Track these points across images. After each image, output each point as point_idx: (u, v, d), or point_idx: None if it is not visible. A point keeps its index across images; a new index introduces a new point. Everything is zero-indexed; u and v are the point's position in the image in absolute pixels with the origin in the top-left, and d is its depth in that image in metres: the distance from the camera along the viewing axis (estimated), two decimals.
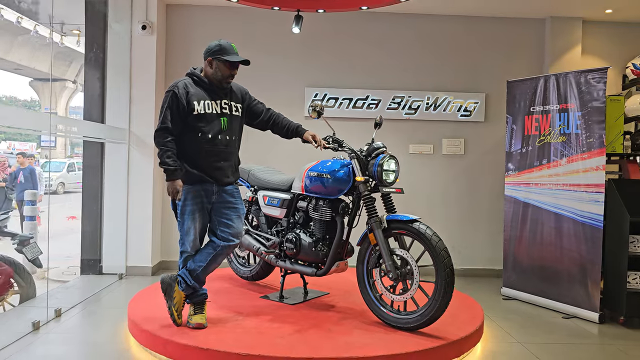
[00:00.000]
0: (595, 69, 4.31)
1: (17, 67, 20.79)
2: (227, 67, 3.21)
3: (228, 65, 3.20)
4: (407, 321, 3.27)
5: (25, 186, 8.61)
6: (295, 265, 3.80)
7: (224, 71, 3.22)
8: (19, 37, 17.13)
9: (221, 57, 3.18)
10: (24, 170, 8.96)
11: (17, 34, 16.63)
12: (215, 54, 3.20)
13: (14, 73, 23.21)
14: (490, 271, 5.68)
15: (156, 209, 5.49)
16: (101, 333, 3.72)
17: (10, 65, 20.03)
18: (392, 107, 5.73)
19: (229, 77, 3.25)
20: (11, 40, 17.52)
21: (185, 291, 3.31)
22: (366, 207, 3.43)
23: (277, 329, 3.28)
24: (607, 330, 4.08)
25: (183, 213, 3.27)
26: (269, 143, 5.10)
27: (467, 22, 5.80)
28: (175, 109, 3.16)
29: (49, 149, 23.79)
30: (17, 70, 22.24)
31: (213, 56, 3.20)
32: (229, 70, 3.22)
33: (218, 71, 3.22)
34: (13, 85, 46.55)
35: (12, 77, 24.85)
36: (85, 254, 5.42)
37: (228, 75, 3.24)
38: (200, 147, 3.21)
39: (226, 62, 3.19)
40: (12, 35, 16.99)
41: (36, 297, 4.62)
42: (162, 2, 5.54)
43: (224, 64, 3.20)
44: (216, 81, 3.25)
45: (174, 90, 3.16)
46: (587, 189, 4.30)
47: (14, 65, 20.22)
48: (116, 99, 5.36)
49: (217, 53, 3.19)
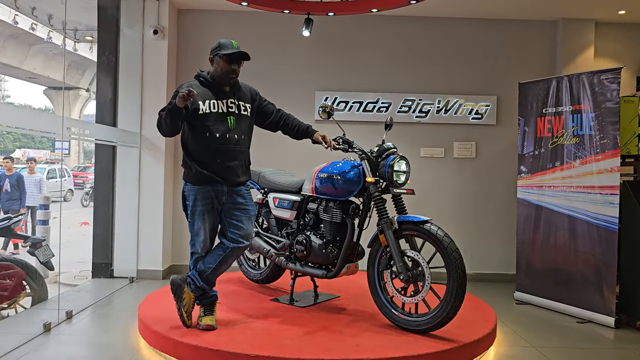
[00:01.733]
0: (609, 69, 4.26)
1: (31, 76, 21.10)
2: (226, 61, 3.21)
3: (226, 59, 3.20)
4: (418, 323, 3.23)
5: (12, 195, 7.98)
6: (306, 267, 3.77)
7: (224, 66, 3.22)
8: (33, 46, 17.38)
9: (220, 53, 3.21)
10: (10, 178, 8.15)
11: (32, 43, 16.88)
12: (214, 52, 3.24)
13: (28, 81, 23.55)
14: (503, 276, 5.61)
15: (167, 213, 5.50)
16: (111, 334, 3.73)
17: (24, 74, 20.34)
18: (403, 110, 5.71)
19: (230, 73, 3.25)
20: (26, 50, 17.78)
21: (194, 292, 3.30)
22: (377, 208, 3.40)
23: (286, 331, 3.26)
24: (623, 335, 3.99)
25: (193, 214, 3.27)
26: (278, 145, 5.10)
27: (478, 24, 5.77)
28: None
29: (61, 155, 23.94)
30: (31, 79, 22.56)
31: (213, 54, 3.25)
32: (228, 65, 3.22)
33: (218, 68, 3.24)
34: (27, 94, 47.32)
35: (27, 86, 25.23)
36: (96, 257, 5.45)
37: (228, 70, 3.23)
38: (209, 146, 3.21)
39: (224, 57, 3.20)
40: (27, 45, 17.25)
41: (48, 300, 4.64)
42: (174, 7, 5.59)
43: (222, 59, 3.21)
44: (220, 79, 3.27)
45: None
46: (602, 191, 4.24)
47: (28, 74, 20.53)
48: (128, 103, 5.40)
49: (216, 50, 3.23)
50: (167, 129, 3.19)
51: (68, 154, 28.63)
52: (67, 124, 4.02)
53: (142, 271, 5.38)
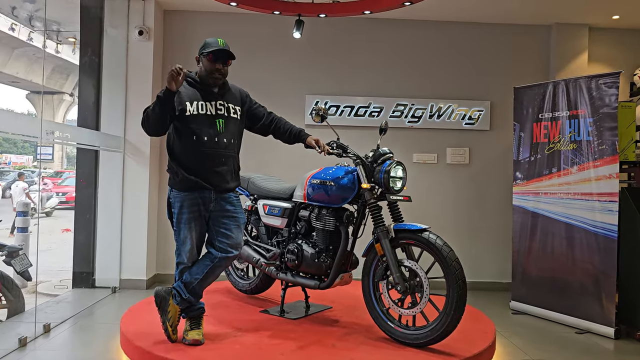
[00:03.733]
0: (607, 74, 4.18)
1: (14, 80, 20.73)
2: (210, 60, 3.05)
3: (210, 58, 3.04)
4: (416, 337, 3.08)
5: None
6: (297, 277, 3.62)
7: (208, 66, 3.06)
8: (15, 49, 17.07)
9: (204, 52, 3.06)
10: None
11: (14, 47, 16.57)
12: (200, 51, 3.10)
13: (11, 86, 23.15)
14: (498, 284, 5.49)
15: (152, 220, 5.31)
16: (91, 349, 3.53)
17: (7, 78, 19.98)
18: (395, 115, 5.59)
19: (214, 72, 3.08)
20: (8, 53, 17.45)
21: (180, 305, 3.12)
22: (372, 215, 3.26)
23: (277, 345, 3.09)
24: (623, 346, 3.89)
25: (179, 222, 3.08)
26: (269, 150, 4.95)
27: (471, 28, 5.68)
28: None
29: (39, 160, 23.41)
30: (14, 83, 22.18)
31: (199, 54, 3.10)
32: (212, 64, 3.06)
33: (203, 67, 3.09)
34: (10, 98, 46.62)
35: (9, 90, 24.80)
36: (77, 266, 5.23)
37: (213, 69, 3.07)
38: (196, 150, 3.03)
39: (208, 55, 3.05)
40: (10, 48, 16.93)
41: (25, 312, 4.42)
42: (160, 8, 5.42)
43: (206, 58, 3.06)
44: (207, 79, 3.10)
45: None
46: (600, 198, 4.14)
47: (10, 78, 20.17)
48: (111, 107, 5.21)
49: (202, 49, 3.08)
50: (153, 124, 2.98)
51: (52, 159, 28.20)
52: (46, 127, 3.82)
53: (125, 281, 5.17)
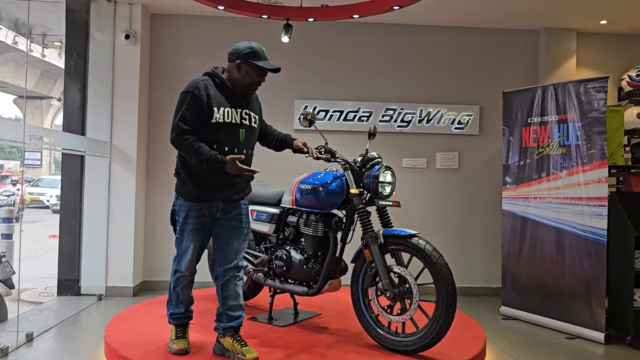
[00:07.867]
0: (596, 78, 4.18)
1: (1, 85, 20.50)
2: (258, 73, 2.89)
3: (259, 72, 2.89)
4: (405, 344, 3.04)
5: None
6: (285, 284, 3.57)
7: (254, 77, 2.88)
8: (2, 54, 16.87)
9: (252, 62, 2.85)
10: None
11: (1, 52, 16.39)
12: (246, 57, 2.85)
13: None
14: (488, 289, 5.47)
15: (139, 227, 5.23)
16: (75, 359, 3.44)
17: None
18: (385, 119, 5.57)
19: (257, 84, 2.95)
20: None
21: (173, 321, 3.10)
22: (361, 221, 3.22)
23: (266, 354, 3.03)
24: (613, 351, 3.88)
25: (182, 231, 2.94)
26: (256, 155, 4.89)
27: (460, 33, 5.68)
28: (196, 111, 2.76)
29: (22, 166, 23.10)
30: (1, 88, 21.93)
31: (243, 59, 2.86)
32: (260, 77, 2.92)
33: (247, 77, 2.88)
34: None
35: None
36: (62, 273, 5.12)
37: (257, 82, 2.92)
38: None
39: (257, 68, 2.87)
40: None
41: (7, 321, 4.32)
42: (147, 11, 5.36)
43: (254, 70, 2.87)
44: (242, 87, 2.91)
45: (194, 92, 2.77)
46: (589, 203, 4.14)
47: None
48: (97, 111, 5.13)
49: (249, 57, 2.85)
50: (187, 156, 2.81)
51: (40, 165, 27.93)
52: (29, 132, 3.76)
53: (111, 288, 5.08)
